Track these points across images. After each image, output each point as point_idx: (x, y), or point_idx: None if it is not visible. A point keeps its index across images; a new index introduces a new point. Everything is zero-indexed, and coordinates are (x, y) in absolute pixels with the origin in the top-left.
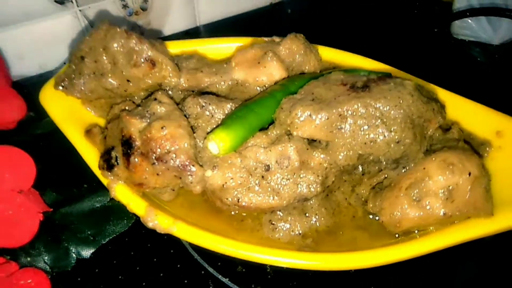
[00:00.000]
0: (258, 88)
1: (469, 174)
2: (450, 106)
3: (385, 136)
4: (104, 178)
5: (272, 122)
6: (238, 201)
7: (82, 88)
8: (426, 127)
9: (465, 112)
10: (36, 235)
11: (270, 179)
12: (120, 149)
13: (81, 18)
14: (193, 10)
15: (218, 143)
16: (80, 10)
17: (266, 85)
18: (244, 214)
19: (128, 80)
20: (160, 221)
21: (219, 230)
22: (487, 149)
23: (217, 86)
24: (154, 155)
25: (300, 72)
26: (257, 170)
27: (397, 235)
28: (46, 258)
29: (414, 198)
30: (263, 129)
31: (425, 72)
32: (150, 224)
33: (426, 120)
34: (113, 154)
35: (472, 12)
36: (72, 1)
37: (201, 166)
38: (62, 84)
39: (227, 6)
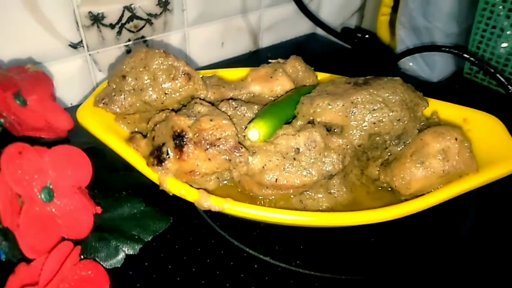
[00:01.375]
0: (272, 98)
1: (456, 139)
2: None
3: (389, 116)
4: (153, 174)
5: (293, 118)
6: (276, 181)
7: (122, 103)
8: (416, 110)
9: (439, 107)
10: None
11: (301, 160)
12: (172, 143)
13: (89, 62)
14: (185, 58)
15: (259, 129)
16: (90, 54)
17: (279, 95)
18: (273, 197)
19: (165, 93)
20: (213, 201)
21: None
22: None
23: (238, 98)
24: (207, 142)
25: (302, 85)
26: (289, 153)
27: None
28: (98, 255)
29: (418, 162)
30: (287, 123)
31: None
32: (205, 204)
33: (416, 104)
34: (164, 149)
35: (409, 52)
36: (83, 46)
37: (247, 149)
38: (103, 101)
39: (215, 52)
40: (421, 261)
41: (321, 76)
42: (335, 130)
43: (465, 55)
